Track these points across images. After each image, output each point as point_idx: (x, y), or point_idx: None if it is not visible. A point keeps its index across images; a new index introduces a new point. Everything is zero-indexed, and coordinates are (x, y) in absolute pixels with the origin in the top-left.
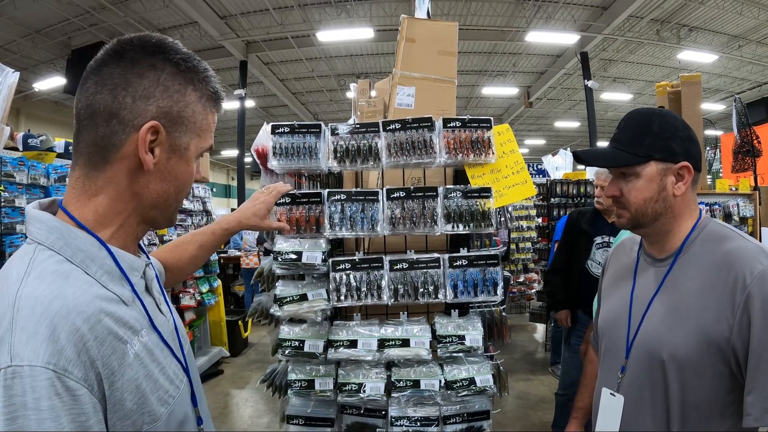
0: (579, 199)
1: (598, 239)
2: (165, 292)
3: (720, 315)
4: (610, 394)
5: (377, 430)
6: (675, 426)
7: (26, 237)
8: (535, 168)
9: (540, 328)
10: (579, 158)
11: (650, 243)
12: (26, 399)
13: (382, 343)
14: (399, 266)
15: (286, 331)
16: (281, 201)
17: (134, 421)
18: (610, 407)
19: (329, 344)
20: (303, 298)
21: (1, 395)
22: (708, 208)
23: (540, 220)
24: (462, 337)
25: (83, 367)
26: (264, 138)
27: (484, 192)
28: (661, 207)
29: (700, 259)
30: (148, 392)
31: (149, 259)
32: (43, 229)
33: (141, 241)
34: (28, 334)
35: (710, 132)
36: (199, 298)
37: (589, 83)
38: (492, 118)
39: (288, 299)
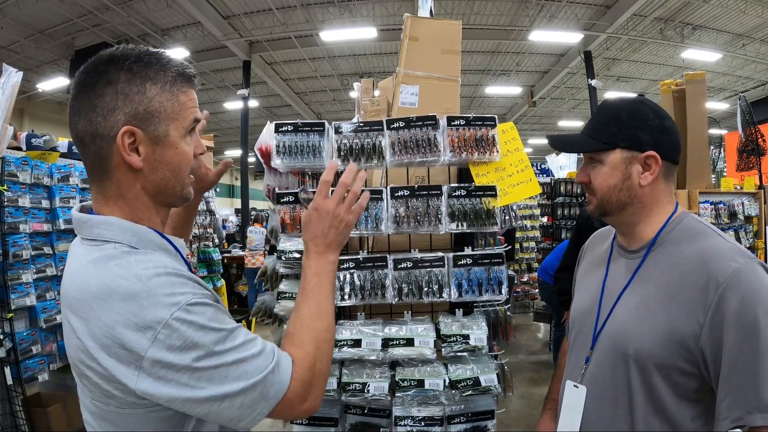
0: (583, 198)
1: None
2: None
3: (690, 313)
4: (574, 385)
5: (381, 429)
6: (640, 425)
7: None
8: (539, 167)
9: (544, 328)
10: (551, 142)
11: (621, 234)
12: (206, 314)
13: (386, 343)
14: (403, 265)
15: None
16: (285, 200)
17: None
18: (572, 399)
19: (333, 344)
20: None
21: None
22: (713, 207)
23: (545, 219)
24: (466, 337)
25: (207, 295)
26: (267, 136)
27: (489, 190)
28: (625, 196)
29: (673, 254)
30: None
31: None
32: (116, 230)
33: None
34: (171, 290)
35: (715, 131)
36: None
37: (593, 82)
38: (496, 116)
39: (288, 295)
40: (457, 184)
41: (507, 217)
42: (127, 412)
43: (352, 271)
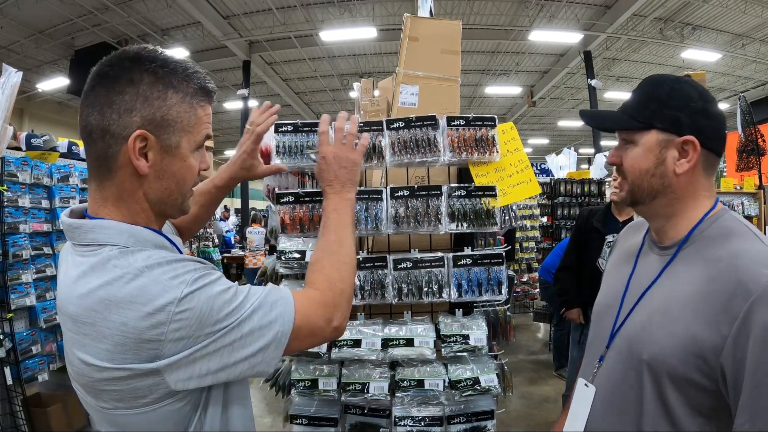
0: (583, 198)
1: (610, 237)
2: None
3: (714, 323)
4: (584, 384)
5: (381, 429)
6: None
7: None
8: (539, 167)
9: (544, 328)
10: (583, 117)
11: (654, 228)
12: (212, 280)
13: (386, 343)
14: (403, 265)
15: None
16: (285, 200)
17: None
18: (582, 398)
19: (332, 343)
20: None
21: (207, 289)
22: None
23: (545, 219)
24: (466, 337)
25: (207, 267)
26: (267, 137)
27: (489, 190)
28: (658, 183)
29: (705, 254)
30: None
31: None
32: (112, 232)
33: None
34: (174, 274)
35: None
36: None
37: (593, 82)
38: (496, 117)
39: None
40: (456, 185)
41: (507, 217)
42: (133, 413)
43: None
